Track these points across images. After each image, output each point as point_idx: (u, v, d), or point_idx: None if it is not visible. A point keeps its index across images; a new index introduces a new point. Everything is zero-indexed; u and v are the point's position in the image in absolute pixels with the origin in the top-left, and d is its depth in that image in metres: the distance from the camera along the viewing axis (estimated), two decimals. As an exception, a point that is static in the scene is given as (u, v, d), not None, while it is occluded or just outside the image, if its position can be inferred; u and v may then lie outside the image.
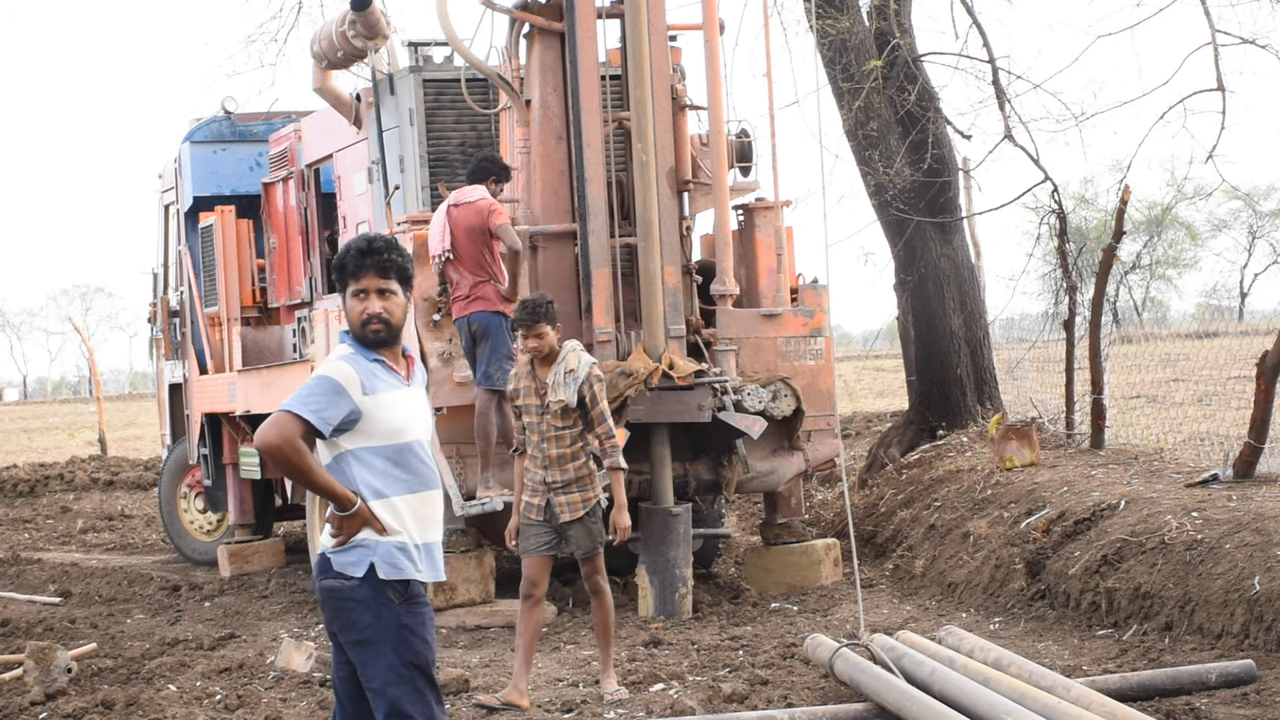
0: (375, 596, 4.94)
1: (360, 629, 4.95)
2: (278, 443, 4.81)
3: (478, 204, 10.32)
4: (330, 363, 4.98)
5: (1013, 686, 6.92)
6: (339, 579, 4.97)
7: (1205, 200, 47.71)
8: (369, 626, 4.95)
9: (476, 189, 10.42)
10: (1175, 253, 59.72)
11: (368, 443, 4.98)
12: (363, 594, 4.94)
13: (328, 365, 4.97)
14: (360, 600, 4.94)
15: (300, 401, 4.88)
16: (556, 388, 7.92)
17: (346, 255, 5.03)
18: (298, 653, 9.09)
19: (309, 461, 4.88)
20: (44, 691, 8.44)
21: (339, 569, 4.96)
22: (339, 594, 4.96)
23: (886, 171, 14.29)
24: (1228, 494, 9.74)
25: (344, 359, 4.99)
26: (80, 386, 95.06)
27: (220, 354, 14.61)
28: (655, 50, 10.89)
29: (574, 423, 7.98)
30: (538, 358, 8.01)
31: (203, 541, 15.44)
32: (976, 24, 14.52)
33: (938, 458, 13.73)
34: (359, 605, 4.95)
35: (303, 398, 4.88)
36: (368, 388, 4.95)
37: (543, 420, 7.97)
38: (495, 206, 10.34)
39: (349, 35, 11.93)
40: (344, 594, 4.96)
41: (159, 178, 16.22)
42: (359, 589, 4.94)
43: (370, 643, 4.95)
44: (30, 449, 32.63)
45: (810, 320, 11.57)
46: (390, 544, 4.97)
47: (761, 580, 11.62)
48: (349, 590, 4.95)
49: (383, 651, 4.94)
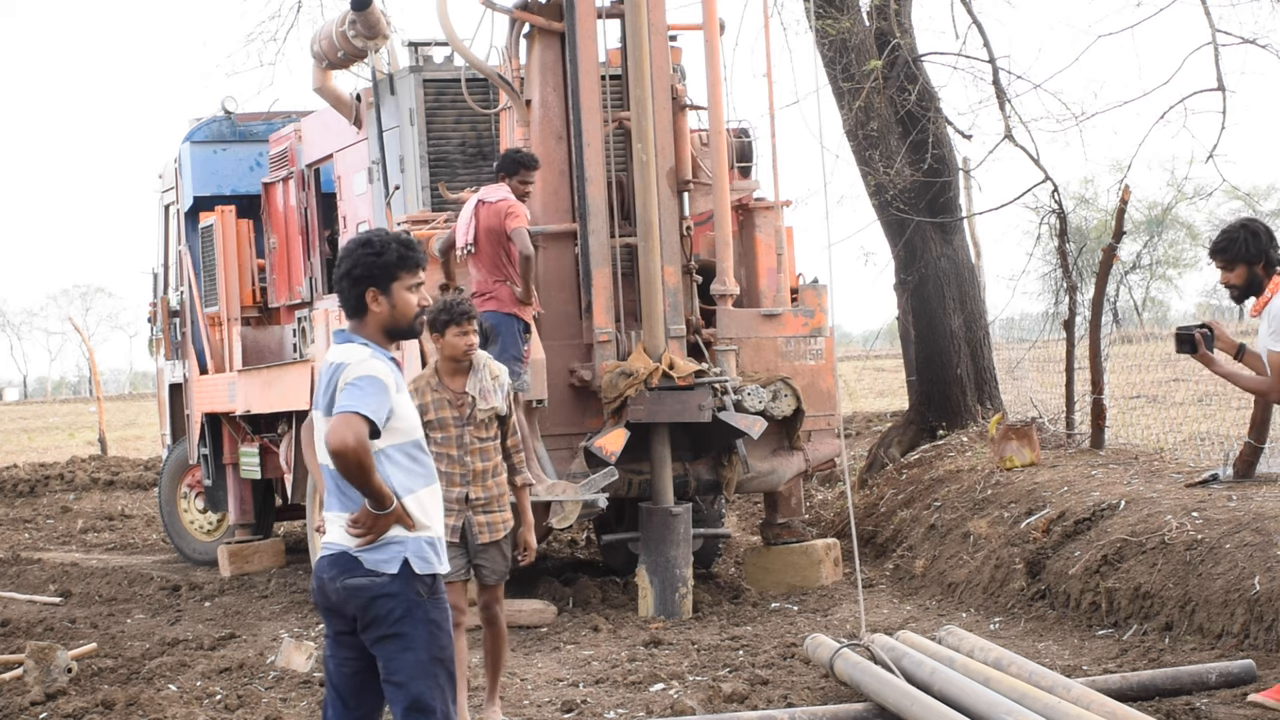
0: (407, 591, 5.02)
1: (391, 623, 5.01)
2: (354, 445, 4.86)
3: (497, 205, 10.28)
4: (369, 362, 5.02)
5: (1013, 686, 6.92)
6: (369, 576, 5.01)
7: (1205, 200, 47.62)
8: (400, 621, 5.01)
9: (500, 188, 10.37)
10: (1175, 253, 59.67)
11: (393, 440, 5.07)
12: (395, 589, 5.01)
13: (369, 365, 5.01)
14: (393, 595, 5.00)
15: (363, 403, 4.92)
16: (487, 394, 7.42)
17: (389, 250, 5.08)
18: (298, 653, 9.09)
19: (373, 462, 4.94)
20: (44, 691, 8.44)
21: (371, 566, 5.01)
22: (369, 591, 5.00)
23: (886, 171, 14.28)
24: (1228, 494, 9.74)
25: (377, 358, 5.05)
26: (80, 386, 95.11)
27: (220, 354, 14.61)
28: (655, 50, 10.89)
29: (495, 433, 7.50)
30: (463, 361, 7.47)
31: (203, 541, 15.44)
32: (976, 24, 14.52)
33: (938, 458, 13.73)
34: (392, 601, 5.00)
35: (363, 398, 4.93)
36: (398, 385, 5.09)
37: (464, 432, 7.40)
38: (513, 210, 10.25)
39: (349, 35, 11.93)
40: (376, 590, 5.00)
41: (159, 178, 16.21)
42: (391, 584, 5.01)
43: (400, 637, 5.01)
44: (30, 449, 32.64)
45: (810, 320, 11.57)
46: (420, 539, 5.08)
47: (761, 580, 11.62)
48: (381, 586, 5.01)
49: (412, 646, 5.01)
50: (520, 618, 10.43)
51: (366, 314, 5.14)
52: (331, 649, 5.18)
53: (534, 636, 10.16)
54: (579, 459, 10.84)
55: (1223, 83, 12.96)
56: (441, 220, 11.18)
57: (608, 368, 10.80)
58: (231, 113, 15.12)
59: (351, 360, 5.04)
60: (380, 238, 5.14)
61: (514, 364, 10.12)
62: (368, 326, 5.15)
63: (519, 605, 10.58)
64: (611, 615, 10.60)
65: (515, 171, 10.36)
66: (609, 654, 9.35)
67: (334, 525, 5.11)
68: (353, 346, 5.10)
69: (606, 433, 10.60)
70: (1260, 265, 6.78)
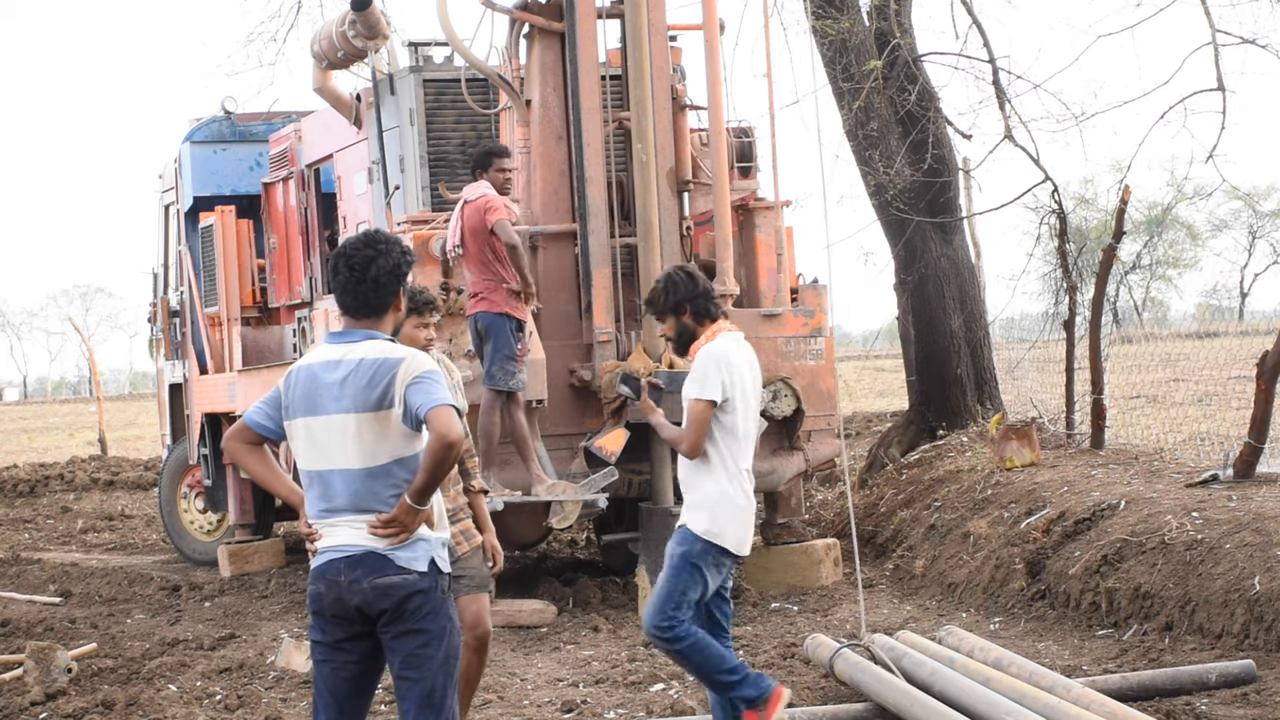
0: (436, 588, 5.05)
1: (419, 619, 5.02)
2: (460, 436, 4.89)
3: (476, 202, 10.27)
4: (421, 358, 5.04)
5: (1013, 686, 6.92)
6: (402, 574, 5.00)
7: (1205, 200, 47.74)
8: (426, 616, 5.03)
9: (478, 185, 10.37)
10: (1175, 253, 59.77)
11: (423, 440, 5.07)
12: (426, 585, 5.03)
13: (425, 360, 5.04)
14: (424, 592, 5.02)
15: (447, 395, 4.95)
16: (454, 392, 6.89)
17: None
18: (298, 653, 9.08)
19: None
20: (44, 691, 8.44)
21: (403, 564, 5.00)
22: (403, 589, 5.00)
23: (886, 171, 14.28)
24: (1228, 494, 9.74)
25: (421, 355, 5.08)
26: (80, 386, 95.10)
27: (220, 354, 14.62)
28: (655, 50, 10.89)
29: None
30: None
31: (203, 541, 15.44)
32: (976, 24, 14.52)
33: (938, 458, 13.72)
34: (422, 597, 5.02)
35: (444, 392, 4.95)
36: None
37: None
38: (490, 204, 10.20)
39: (349, 35, 11.93)
40: (409, 588, 5.00)
41: (159, 178, 16.22)
42: (421, 581, 5.02)
43: (423, 633, 5.03)
44: (30, 449, 32.63)
45: (810, 320, 11.57)
46: (437, 539, 5.10)
47: (761, 580, 11.62)
48: (413, 584, 5.01)
49: (433, 641, 5.04)
50: (520, 618, 10.43)
51: (388, 313, 5.14)
52: (328, 654, 5.11)
53: (534, 636, 10.16)
54: (579, 459, 10.85)
55: (1223, 83, 12.95)
56: (441, 220, 11.18)
57: (608, 368, 10.80)
58: (231, 113, 15.12)
59: (404, 355, 5.02)
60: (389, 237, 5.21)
61: (508, 364, 10.12)
62: (386, 325, 5.14)
63: (519, 605, 10.59)
64: (611, 615, 10.60)
65: (489, 164, 10.33)
66: (609, 654, 9.36)
67: (345, 528, 5.02)
68: (383, 343, 5.07)
69: (606, 433, 10.60)
70: (687, 315, 6.62)
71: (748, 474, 6.61)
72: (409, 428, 4.98)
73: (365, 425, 4.97)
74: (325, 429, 5.01)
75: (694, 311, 6.64)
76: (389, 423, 4.97)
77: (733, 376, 6.50)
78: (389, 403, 4.95)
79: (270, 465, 5.16)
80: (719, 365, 6.48)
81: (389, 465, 4.99)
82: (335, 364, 5.04)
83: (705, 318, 6.64)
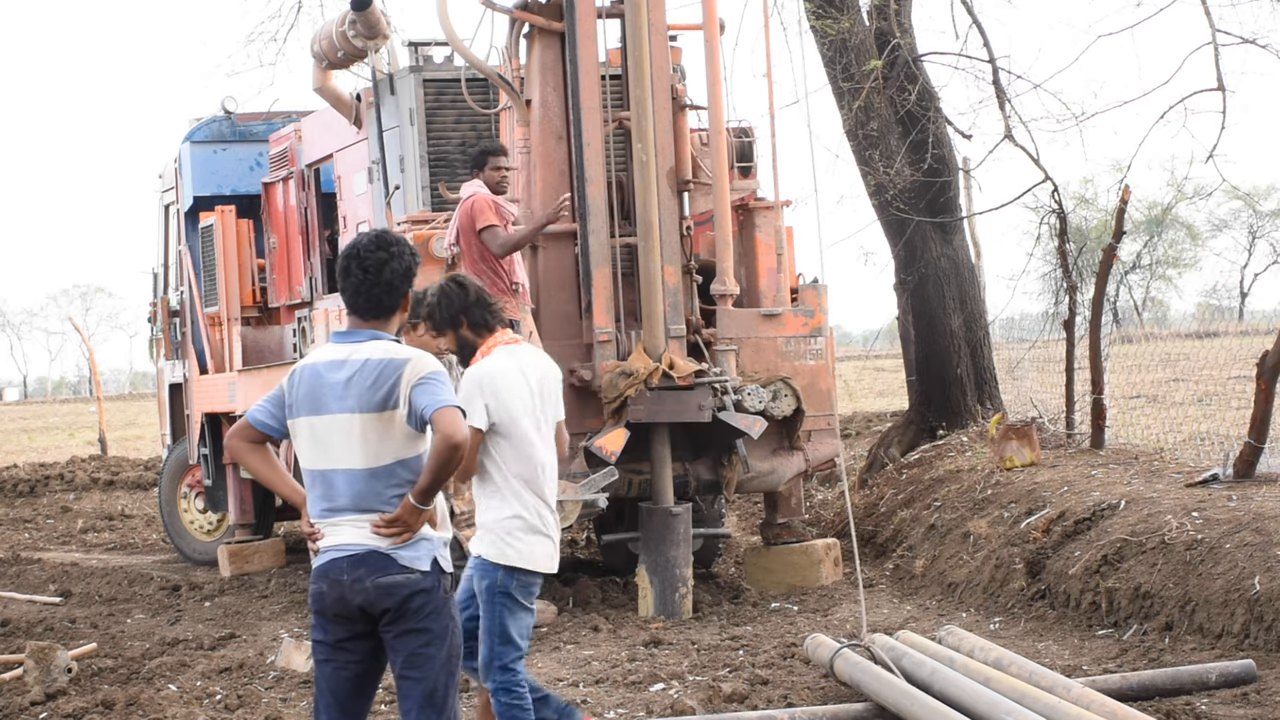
0: (439, 588, 5.06)
1: (422, 618, 5.03)
2: (466, 437, 4.94)
3: (466, 203, 10.31)
4: (427, 359, 5.04)
5: (1013, 686, 6.92)
6: (405, 573, 5.01)
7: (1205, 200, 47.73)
8: (429, 616, 5.03)
9: (473, 184, 10.40)
10: (1175, 253, 59.78)
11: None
12: (429, 584, 5.04)
13: (431, 361, 5.03)
14: (427, 591, 5.03)
15: (454, 397, 4.98)
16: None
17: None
18: (298, 653, 9.09)
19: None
20: (44, 691, 8.44)
21: (406, 563, 5.01)
22: (407, 587, 5.00)
23: (886, 171, 14.28)
24: (1228, 494, 9.74)
25: (426, 355, 5.08)
26: (80, 386, 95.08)
27: (220, 354, 14.62)
28: (655, 50, 10.89)
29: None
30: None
31: (203, 541, 15.44)
32: (976, 24, 14.52)
33: (938, 458, 13.73)
34: (425, 596, 5.03)
35: (450, 394, 4.98)
36: None
37: None
38: (479, 207, 10.21)
39: (349, 35, 11.94)
40: (413, 587, 5.01)
41: (159, 178, 16.22)
42: (425, 580, 5.04)
43: (426, 632, 5.03)
44: (30, 449, 32.63)
45: (810, 320, 11.57)
46: (440, 538, 5.11)
47: (761, 580, 11.62)
48: (416, 583, 5.02)
49: (436, 641, 5.05)
50: (520, 618, 10.42)
51: (396, 314, 5.14)
52: (329, 654, 5.11)
53: (534, 636, 10.15)
54: (579, 459, 10.84)
55: (1223, 83, 12.95)
56: (441, 220, 11.19)
57: (608, 368, 10.80)
58: (231, 113, 15.13)
59: (410, 356, 5.02)
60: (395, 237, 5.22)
61: None
62: (392, 325, 5.14)
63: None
64: (611, 615, 10.60)
65: (484, 163, 10.37)
66: (609, 654, 9.35)
67: (348, 527, 5.02)
68: (389, 343, 5.07)
69: (606, 433, 10.61)
70: (464, 327, 6.41)
71: (551, 488, 6.32)
72: (414, 428, 4.98)
73: (369, 425, 4.97)
74: (329, 428, 5.01)
75: (470, 323, 6.41)
76: (393, 423, 4.97)
77: (499, 397, 6.19)
78: (394, 403, 4.96)
79: (272, 464, 5.16)
80: (480, 389, 6.20)
81: (392, 465, 4.99)
82: (340, 364, 5.03)
83: (483, 329, 6.41)
